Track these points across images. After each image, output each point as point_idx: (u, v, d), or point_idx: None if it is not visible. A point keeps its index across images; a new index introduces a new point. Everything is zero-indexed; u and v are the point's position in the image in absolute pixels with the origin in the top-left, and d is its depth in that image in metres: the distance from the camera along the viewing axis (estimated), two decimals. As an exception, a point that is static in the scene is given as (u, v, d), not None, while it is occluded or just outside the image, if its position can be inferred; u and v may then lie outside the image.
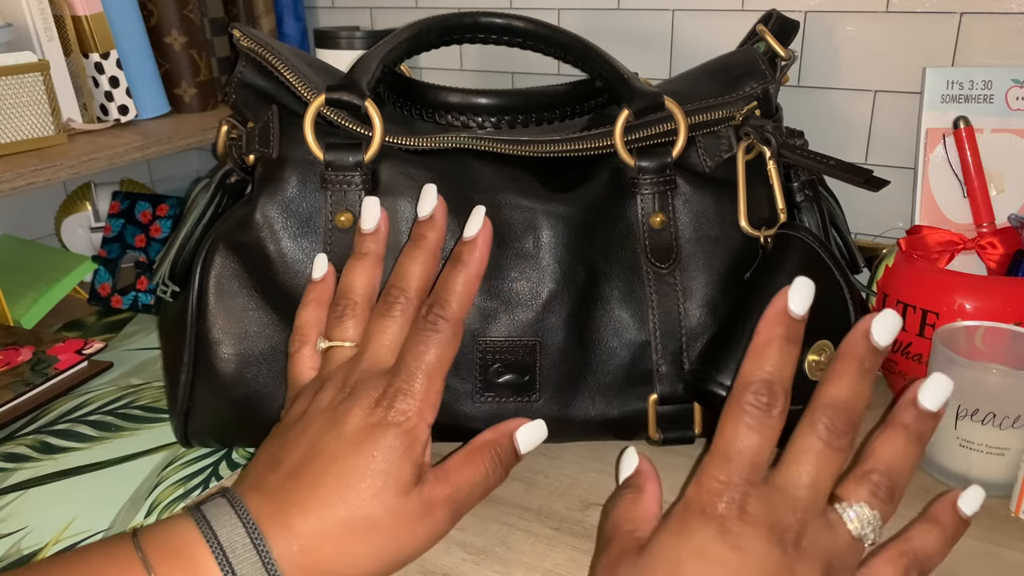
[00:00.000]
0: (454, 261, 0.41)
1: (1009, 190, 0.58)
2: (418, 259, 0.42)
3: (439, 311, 0.40)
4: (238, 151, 0.50)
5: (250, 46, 0.51)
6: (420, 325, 0.40)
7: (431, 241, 0.43)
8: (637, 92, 0.50)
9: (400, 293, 0.41)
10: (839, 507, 0.34)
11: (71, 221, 0.85)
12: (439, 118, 0.54)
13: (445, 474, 0.39)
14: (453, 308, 0.40)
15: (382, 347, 0.41)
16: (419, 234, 0.43)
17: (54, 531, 0.46)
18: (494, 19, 0.55)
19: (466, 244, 0.41)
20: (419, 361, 0.39)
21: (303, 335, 0.45)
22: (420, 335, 0.39)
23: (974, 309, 0.51)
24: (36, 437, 0.56)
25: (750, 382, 0.34)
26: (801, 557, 0.31)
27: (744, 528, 0.31)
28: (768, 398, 0.34)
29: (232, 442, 0.52)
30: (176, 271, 0.51)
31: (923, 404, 0.35)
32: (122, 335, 0.71)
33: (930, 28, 0.62)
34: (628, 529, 0.36)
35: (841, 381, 0.34)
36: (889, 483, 0.34)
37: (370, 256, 0.44)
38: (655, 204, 0.50)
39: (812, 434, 0.33)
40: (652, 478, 0.39)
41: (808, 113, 0.68)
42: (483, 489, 0.40)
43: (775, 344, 0.34)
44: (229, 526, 0.35)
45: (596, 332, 0.49)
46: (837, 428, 0.33)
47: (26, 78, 0.66)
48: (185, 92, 0.81)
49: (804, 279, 0.35)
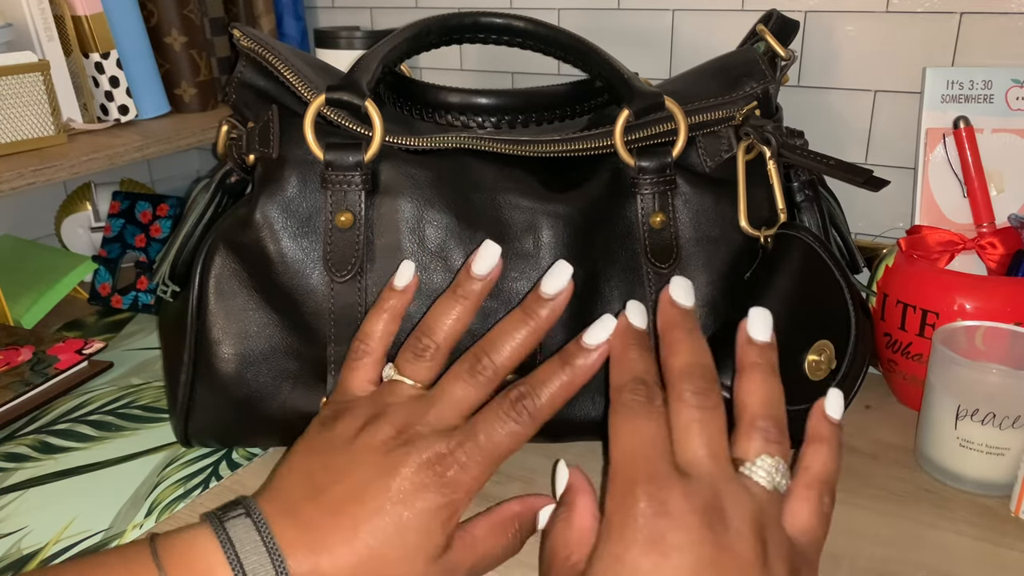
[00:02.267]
0: (564, 360, 0.38)
1: (1009, 190, 0.58)
2: (520, 335, 0.39)
3: (528, 404, 0.37)
4: (238, 151, 0.50)
5: (250, 46, 0.51)
6: (505, 408, 0.37)
7: (540, 322, 0.40)
8: (637, 92, 0.50)
9: (491, 365, 0.39)
10: (744, 468, 0.34)
11: (71, 221, 0.85)
12: (439, 118, 0.54)
13: (472, 542, 0.38)
14: (543, 407, 0.38)
15: (453, 407, 0.39)
16: (534, 310, 0.40)
17: (54, 531, 0.46)
18: (494, 19, 0.55)
19: (583, 349, 0.38)
20: (489, 442, 0.37)
21: (368, 346, 0.43)
22: (500, 418, 0.37)
23: (974, 309, 0.51)
24: (36, 437, 0.56)
25: (622, 384, 0.36)
26: (731, 531, 0.31)
27: (669, 523, 0.31)
28: (643, 388, 0.35)
29: (232, 442, 0.52)
30: (176, 271, 0.51)
31: (757, 338, 0.37)
32: (122, 335, 0.71)
33: (930, 28, 0.62)
34: (564, 555, 0.35)
35: (678, 350, 0.36)
36: (775, 423, 0.35)
37: (471, 301, 0.41)
38: (655, 204, 0.50)
39: (684, 406, 0.34)
40: (583, 491, 0.38)
41: (808, 113, 0.68)
42: (500, 560, 0.40)
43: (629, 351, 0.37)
44: (256, 554, 0.34)
45: (596, 332, 0.49)
46: (701, 388, 0.35)
47: (26, 78, 0.66)
48: (185, 92, 0.81)
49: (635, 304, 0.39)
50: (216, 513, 0.36)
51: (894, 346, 0.55)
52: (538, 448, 0.52)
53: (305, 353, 0.48)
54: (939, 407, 0.48)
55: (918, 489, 0.48)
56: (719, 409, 0.34)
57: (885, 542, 0.44)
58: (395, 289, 0.44)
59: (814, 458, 0.36)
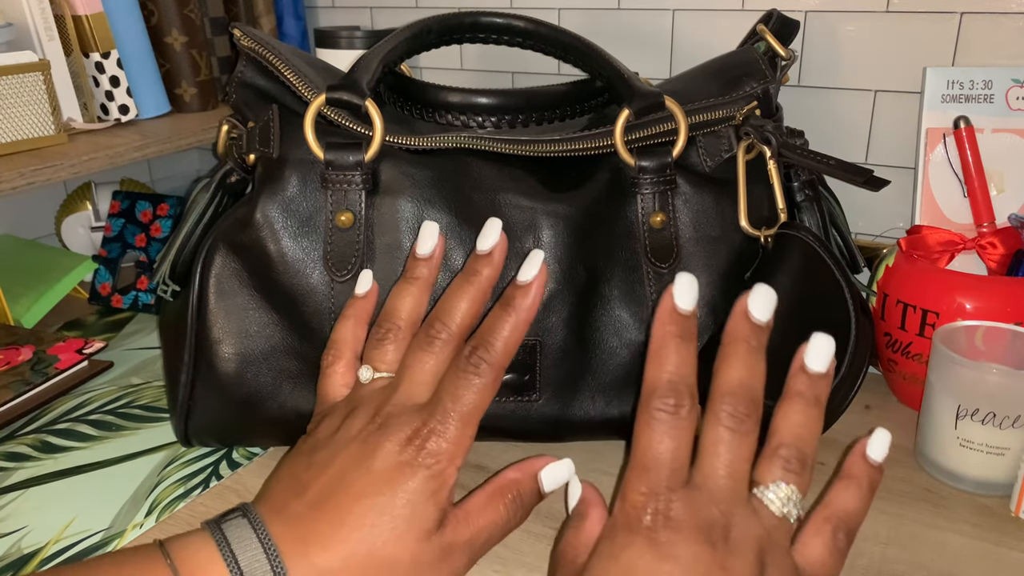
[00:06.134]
0: (504, 304, 0.39)
1: (1009, 190, 0.58)
2: (467, 295, 0.41)
3: (483, 354, 0.38)
4: (238, 151, 0.50)
5: (250, 46, 0.51)
6: (461, 366, 0.38)
7: (484, 279, 0.41)
8: (637, 92, 0.50)
9: (443, 328, 0.40)
10: (757, 491, 0.34)
11: (71, 221, 0.85)
12: (439, 118, 0.54)
13: (467, 517, 0.38)
14: (498, 353, 0.38)
15: (418, 381, 0.39)
16: (474, 269, 0.41)
17: (54, 531, 0.46)
18: (494, 19, 0.55)
19: (520, 288, 0.39)
20: (456, 404, 0.37)
21: (338, 350, 0.44)
22: (460, 377, 0.38)
23: (974, 309, 0.51)
24: (36, 436, 0.56)
25: (654, 388, 0.34)
26: (732, 551, 0.31)
27: (671, 535, 0.31)
28: (675, 400, 0.34)
29: (232, 441, 0.52)
30: (176, 270, 0.51)
31: (812, 368, 0.35)
32: (122, 334, 0.71)
33: (930, 28, 0.62)
34: (570, 557, 0.36)
35: (733, 365, 0.34)
36: (799, 455, 0.34)
37: (421, 281, 0.43)
38: (655, 204, 0.50)
39: (718, 425, 0.34)
40: (595, 503, 0.38)
41: (808, 113, 0.68)
42: (503, 532, 0.39)
43: (670, 344, 0.34)
44: (250, 550, 0.34)
45: (596, 332, 0.49)
46: (740, 412, 0.33)
47: (26, 78, 0.66)
48: (185, 92, 0.81)
49: (687, 276, 0.35)
50: (215, 519, 0.37)
51: (894, 346, 0.55)
52: (538, 448, 0.52)
53: (305, 353, 0.48)
54: (939, 407, 0.48)
55: (918, 489, 0.48)
56: (752, 436, 0.34)
57: (885, 542, 0.44)
58: (357, 296, 0.45)
59: (840, 495, 0.35)
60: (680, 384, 0.34)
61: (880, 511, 0.46)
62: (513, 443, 0.52)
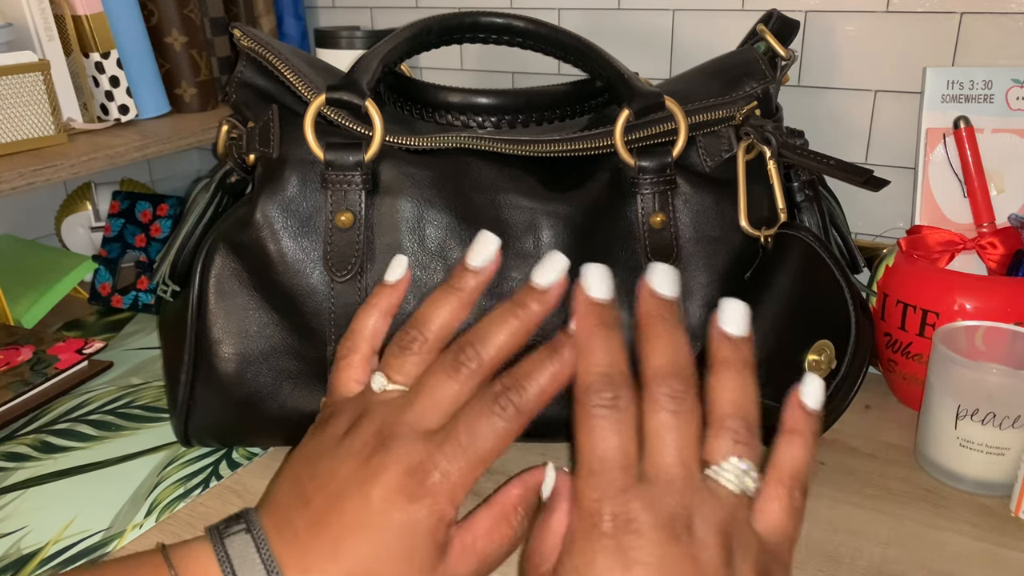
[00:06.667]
0: (553, 350, 0.35)
1: (1009, 190, 0.58)
2: (509, 327, 0.36)
3: (514, 396, 0.34)
4: (238, 151, 0.50)
5: (250, 46, 0.51)
6: (488, 403, 0.34)
7: (533, 314, 0.36)
8: (637, 92, 0.50)
9: (475, 356, 0.36)
10: (710, 471, 0.32)
11: (71, 221, 0.85)
12: (439, 118, 0.54)
13: (473, 543, 0.36)
14: (530, 399, 0.35)
15: (434, 405, 0.36)
16: (524, 302, 0.36)
17: (54, 531, 0.46)
18: (494, 19, 0.55)
19: (571, 339, 0.35)
20: (472, 441, 0.34)
21: (355, 343, 0.40)
22: (484, 414, 0.34)
23: (974, 309, 0.51)
24: (36, 436, 0.56)
25: (588, 383, 0.33)
26: (698, 541, 0.31)
27: (635, 540, 0.30)
28: (611, 392, 0.32)
29: (232, 442, 0.52)
30: (176, 271, 0.51)
31: (729, 331, 0.34)
32: (122, 335, 0.71)
33: (930, 28, 0.62)
34: (535, 563, 0.34)
35: (657, 346, 0.33)
36: (744, 424, 0.33)
37: (464, 294, 0.38)
38: (655, 204, 0.50)
39: (659, 409, 0.32)
40: (566, 496, 0.36)
41: (808, 113, 0.68)
42: (509, 551, 0.38)
43: (595, 335, 0.33)
44: (253, 571, 0.33)
45: (596, 332, 0.49)
46: (677, 392, 0.32)
47: (26, 78, 0.66)
48: (185, 92, 0.81)
49: (596, 265, 0.34)
50: (218, 527, 0.36)
51: (894, 346, 0.55)
52: (537, 448, 0.52)
53: (305, 353, 0.48)
54: (939, 407, 0.48)
55: (918, 489, 0.48)
56: (694, 413, 0.33)
57: (885, 542, 0.44)
58: (387, 284, 0.41)
59: (786, 452, 0.34)
60: (613, 374, 0.33)
61: (880, 511, 0.46)
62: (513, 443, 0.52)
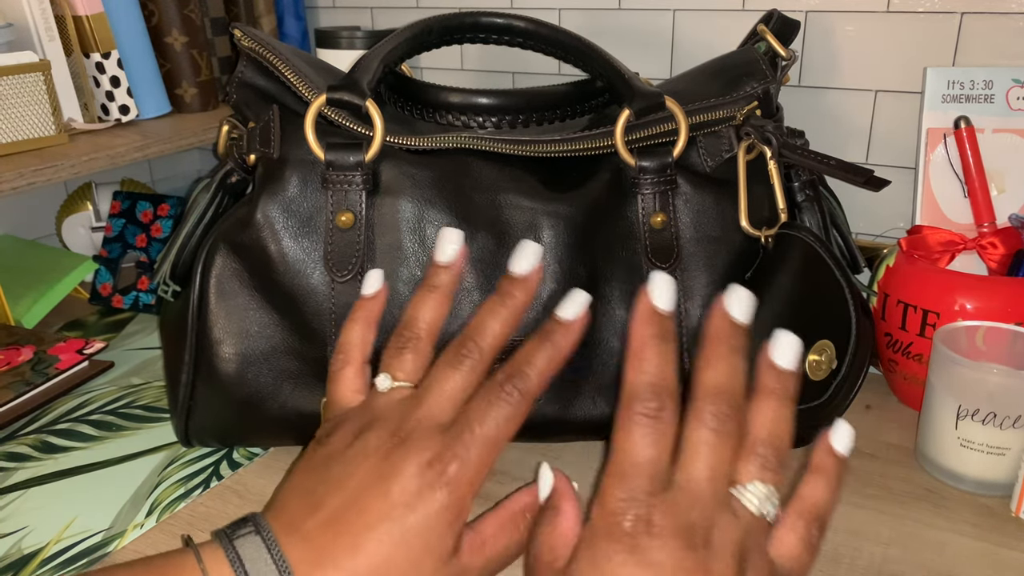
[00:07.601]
0: (544, 337, 0.38)
1: (1010, 190, 0.58)
2: (500, 317, 0.39)
3: (518, 383, 0.37)
4: (239, 151, 0.50)
5: (251, 46, 0.51)
6: (493, 392, 0.37)
7: (519, 303, 0.39)
8: (638, 92, 0.50)
9: (475, 348, 0.38)
10: (735, 491, 0.34)
11: (72, 221, 0.85)
12: (440, 118, 0.54)
13: (482, 543, 0.37)
14: (533, 384, 0.37)
15: (443, 399, 0.38)
16: (508, 291, 0.39)
17: (55, 531, 0.46)
18: (495, 19, 0.55)
19: (562, 325, 0.38)
20: (483, 429, 0.36)
21: (347, 354, 0.42)
22: (492, 403, 0.37)
23: (974, 309, 0.51)
24: (37, 437, 0.56)
25: (635, 391, 0.34)
26: (713, 554, 0.31)
27: (652, 542, 0.31)
28: (656, 403, 0.33)
29: (233, 442, 0.52)
30: (177, 271, 0.51)
31: (779, 363, 0.35)
32: (123, 335, 0.71)
33: (931, 28, 0.62)
34: (547, 560, 0.35)
35: (715, 366, 0.34)
36: (775, 453, 0.34)
37: (441, 290, 0.41)
38: (656, 204, 0.50)
39: (701, 426, 0.33)
40: (567, 496, 0.37)
41: (808, 113, 0.68)
42: (515, 554, 0.39)
43: (650, 346, 0.34)
44: (266, 571, 0.34)
45: (597, 332, 0.49)
46: (723, 413, 0.33)
47: (27, 78, 0.66)
48: (186, 92, 0.81)
49: (664, 275, 0.35)
50: (225, 531, 0.36)
51: (895, 346, 0.55)
52: (538, 448, 0.52)
53: (306, 353, 0.48)
54: (940, 407, 0.48)
55: (918, 489, 0.48)
56: (734, 437, 0.34)
57: (885, 542, 0.44)
58: (365, 298, 0.43)
59: (812, 489, 0.35)
60: (661, 387, 0.34)
61: (880, 511, 0.46)
62: (513, 443, 0.52)
